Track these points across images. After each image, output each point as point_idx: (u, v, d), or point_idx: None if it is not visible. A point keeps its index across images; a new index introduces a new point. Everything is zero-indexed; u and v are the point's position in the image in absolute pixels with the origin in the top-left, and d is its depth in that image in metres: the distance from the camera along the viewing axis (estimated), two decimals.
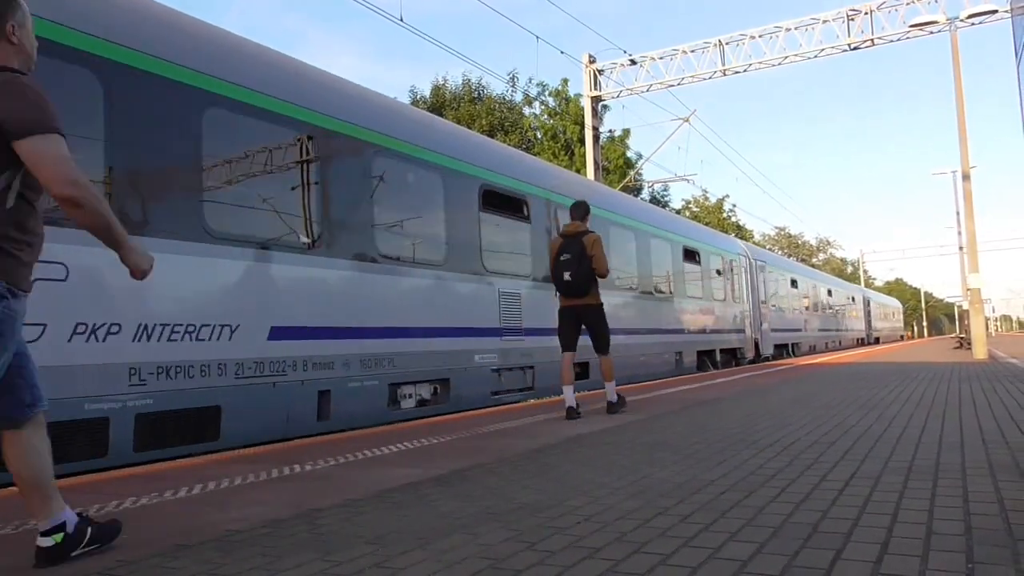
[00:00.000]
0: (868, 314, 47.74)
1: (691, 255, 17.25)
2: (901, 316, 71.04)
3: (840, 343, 36.28)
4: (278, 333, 6.58)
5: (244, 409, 6.22)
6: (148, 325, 5.56)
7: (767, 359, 22.31)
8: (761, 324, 22.04)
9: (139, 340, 5.50)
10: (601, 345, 7.44)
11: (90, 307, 5.20)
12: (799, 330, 27.76)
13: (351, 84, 8.54)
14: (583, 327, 7.51)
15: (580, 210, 7.58)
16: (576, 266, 7.23)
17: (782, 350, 25.23)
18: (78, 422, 5.11)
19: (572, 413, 7.01)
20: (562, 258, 7.27)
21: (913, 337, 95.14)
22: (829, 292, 35.18)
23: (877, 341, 49.75)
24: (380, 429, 6.90)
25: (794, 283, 27.88)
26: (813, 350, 29.53)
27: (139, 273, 2.79)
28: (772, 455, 4.37)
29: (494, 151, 11.01)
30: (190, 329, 5.86)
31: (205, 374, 5.93)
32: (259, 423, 6.39)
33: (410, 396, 8.21)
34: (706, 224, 38.72)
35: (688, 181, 31.09)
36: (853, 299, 42.67)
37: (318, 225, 7.18)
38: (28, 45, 2.70)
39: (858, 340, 42.57)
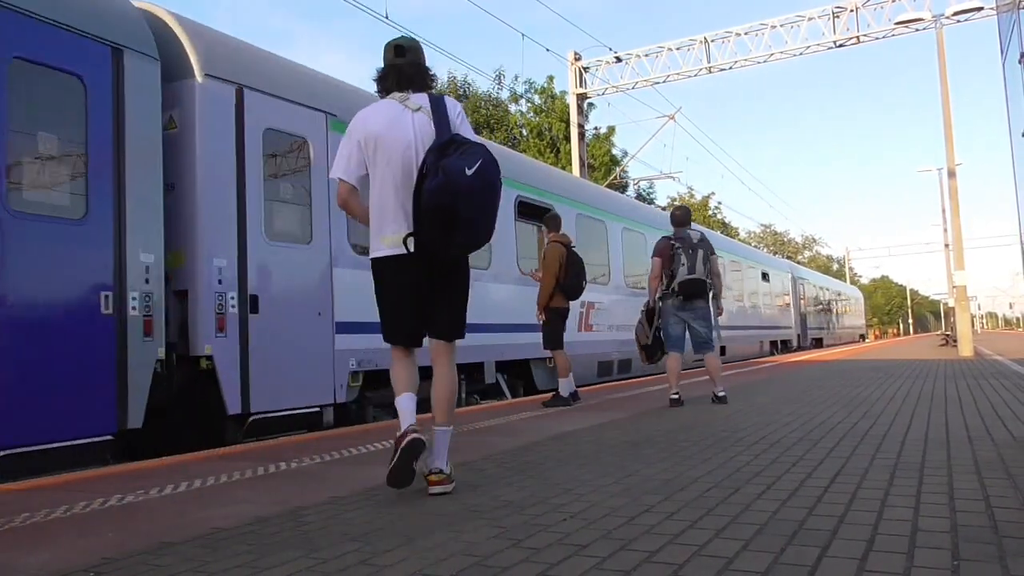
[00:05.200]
0: (799, 304, 31.18)
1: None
2: (861, 309, 54.37)
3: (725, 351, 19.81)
4: None
5: None
6: None
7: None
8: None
9: None
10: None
11: None
12: (598, 327, 12.96)
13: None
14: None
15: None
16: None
17: (503, 373, 10.35)
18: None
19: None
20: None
21: (899, 335, 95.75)
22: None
23: (818, 344, 33.94)
24: (366, 427, 6.90)
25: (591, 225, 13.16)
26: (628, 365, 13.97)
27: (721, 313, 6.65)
28: (758, 452, 4.38)
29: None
30: None
31: None
32: None
33: None
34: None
35: (674, 178, 30.32)
36: (766, 276, 26.19)
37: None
38: None
39: (776, 344, 26.81)
